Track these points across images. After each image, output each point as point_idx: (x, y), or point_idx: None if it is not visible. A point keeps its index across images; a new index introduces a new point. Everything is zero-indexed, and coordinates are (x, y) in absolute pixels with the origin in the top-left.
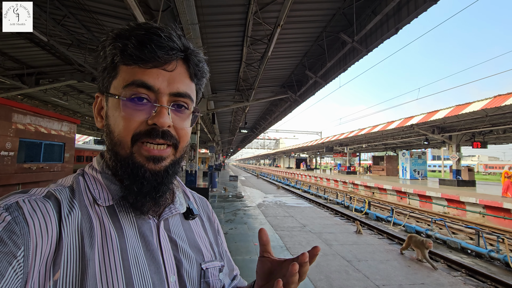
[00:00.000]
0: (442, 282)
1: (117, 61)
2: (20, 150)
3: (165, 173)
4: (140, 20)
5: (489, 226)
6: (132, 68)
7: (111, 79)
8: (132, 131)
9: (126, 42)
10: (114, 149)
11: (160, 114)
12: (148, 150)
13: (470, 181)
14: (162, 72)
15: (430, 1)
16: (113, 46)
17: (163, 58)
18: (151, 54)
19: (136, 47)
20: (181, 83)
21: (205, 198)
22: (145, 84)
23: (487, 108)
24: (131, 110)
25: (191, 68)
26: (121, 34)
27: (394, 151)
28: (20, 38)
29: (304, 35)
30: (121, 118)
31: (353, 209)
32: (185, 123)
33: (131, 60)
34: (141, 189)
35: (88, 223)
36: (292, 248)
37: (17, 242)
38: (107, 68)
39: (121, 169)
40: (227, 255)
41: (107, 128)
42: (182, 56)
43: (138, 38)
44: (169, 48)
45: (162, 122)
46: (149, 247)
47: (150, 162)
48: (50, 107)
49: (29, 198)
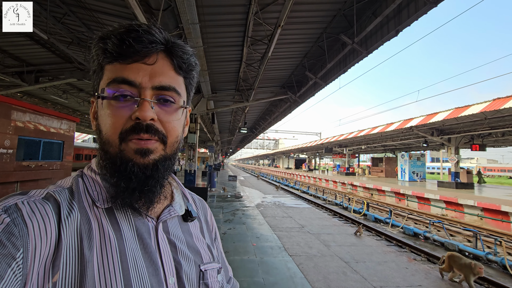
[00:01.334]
0: (440, 284)
1: (101, 61)
2: (19, 148)
3: (154, 166)
4: (141, 18)
5: (487, 228)
6: (114, 66)
7: (99, 80)
8: (119, 128)
9: (107, 41)
10: (104, 148)
11: (142, 107)
12: (135, 143)
13: (468, 184)
14: (143, 66)
15: (431, 4)
16: (97, 47)
17: (142, 51)
18: (129, 48)
19: (116, 44)
20: (164, 76)
21: (204, 200)
22: (126, 80)
23: (486, 111)
24: (115, 108)
25: (175, 60)
26: (104, 35)
27: (393, 153)
28: (20, 35)
29: (305, 36)
30: (107, 116)
31: (351, 210)
32: (172, 117)
33: (112, 57)
34: (128, 185)
35: (87, 225)
36: (290, 249)
37: (16, 244)
38: (95, 70)
39: (110, 167)
40: (222, 257)
41: (97, 128)
42: (163, 48)
43: (118, 36)
44: (148, 42)
45: (144, 116)
46: (147, 249)
47: (137, 156)
48: (49, 105)
49: (28, 200)
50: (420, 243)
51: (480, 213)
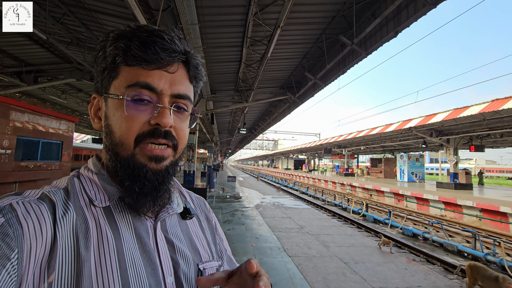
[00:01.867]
0: (439, 284)
1: (118, 61)
2: (18, 148)
3: (166, 172)
4: (140, 19)
5: (485, 229)
6: (135, 69)
7: (111, 80)
8: (136, 132)
9: (129, 43)
10: (114, 149)
11: (163, 114)
12: (151, 150)
13: (467, 184)
14: (165, 73)
15: (430, 5)
16: (114, 46)
17: (165, 60)
18: (154, 55)
19: (140, 48)
20: (182, 85)
21: (202, 197)
22: (149, 86)
23: (485, 112)
24: (134, 111)
25: (191, 71)
26: (123, 34)
27: (392, 154)
28: (19, 35)
29: (304, 37)
30: (123, 118)
31: (350, 211)
32: (184, 125)
33: (134, 60)
34: (142, 189)
35: (84, 224)
36: (290, 250)
37: (11, 245)
38: (107, 68)
39: (122, 170)
40: (227, 254)
41: (108, 129)
42: (184, 59)
43: (141, 40)
44: (171, 51)
45: (165, 122)
46: (145, 248)
47: (152, 162)
48: (48, 105)
49: (23, 200)
50: (419, 244)
51: (479, 214)
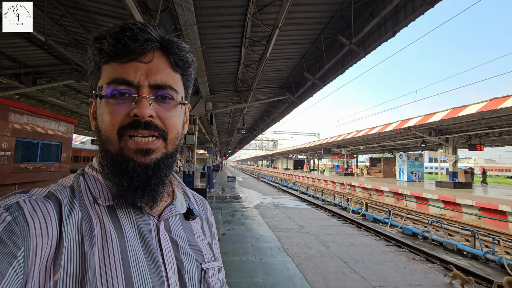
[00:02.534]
0: (438, 283)
1: (97, 61)
2: (17, 150)
3: (156, 165)
4: (139, 20)
5: (485, 228)
6: (111, 65)
7: (96, 81)
8: (117, 125)
9: (103, 41)
10: (104, 147)
11: (140, 104)
12: (135, 143)
13: (466, 183)
14: (140, 64)
15: (427, 5)
16: (93, 48)
17: (137, 50)
18: (124, 47)
19: (111, 44)
20: (160, 74)
21: (204, 199)
22: (125, 80)
23: (484, 111)
24: (113, 105)
25: (171, 58)
26: (99, 35)
27: (391, 153)
28: (18, 37)
29: (303, 37)
30: (105, 114)
31: (350, 211)
32: (170, 113)
33: (108, 57)
34: (131, 183)
35: (88, 223)
36: (290, 249)
37: (17, 243)
38: (93, 71)
39: (111, 166)
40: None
41: (97, 128)
42: (158, 45)
43: (113, 36)
44: (143, 40)
45: (142, 112)
46: (148, 247)
47: (139, 155)
48: (47, 107)
49: (29, 198)
50: (419, 243)
51: (478, 213)
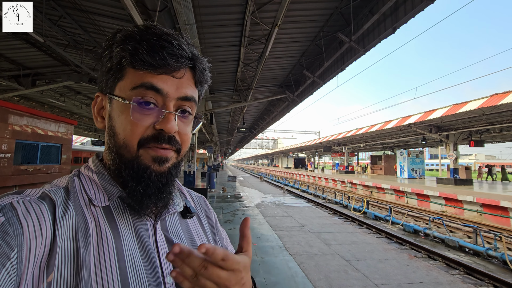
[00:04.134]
0: (441, 280)
1: (125, 63)
2: (17, 152)
3: (169, 174)
4: (137, 20)
5: (486, 224)
6: (142, 73)
7: (116, 81)
8: (139, 135)
9: (137, 46)
10: (118, 151)
11: (168, 120)
12: (155, 150)
13: (467, 180)
14: (171, 78)
15: (427, 1)
16: (121, 48)
17: (173, 65)
18: (162, 61)
19: (147, 53)
20: (187, 89)
21: (203, 196)
22: (155, 87)
23: (484, 107)
24: (139, 115)
25: (197, 76)
26: (131, 36)
27: (392, 150)
28: (16, 39)
29: (302, 35)
30: (128, 121)
31: (351, 209)
32: (188, 129)
33: (141, 64)
34: (146, 190)
35: (83, 224)
36: (291, 248)
37: (11, 244)
38: (112, 69)
39: (126, 171)
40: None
41: (111, 130)
42: (191, 64)
43: (149, 43)
44: (179, 56)
45: (170, 128)
46: (145, 247)
47: (155, 164)
48: (47, 108)
49: (23, 199)
50: (421, 240)
51: (479, 209)
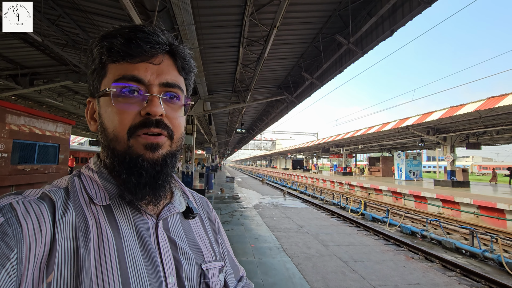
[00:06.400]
0: (437, 282)
1: (104, 60)
2: (14, 152)
3: (163, 161)
4: (136, 20)
5: (483, 226)
6: (121, 65)
7: (100, 79)
8: (128, 124)
9: (112, 40)
10: (110, 145)
11: (152, 103)
12: (145, 137)
13: (464, 182)
14: (150, 65)
15: (425, 4)
16: (100, 46)
17: (149, 52)
18: (137, 48)
19: (123, 44)
20: (170, 75)
21: (205, 197)
22: (135, 77)
23: (481, 110)
24: (124, 104)
25: (178, 62)
26: (107, 34)
27: (389, 152)
28: (14, 38)
29: (300, 37)
30: (114, 113)
31: (349, 210)
32: (177, 113)
33: (119, 56)
34: (139, 180)
35: (83, 223)
36: (289, 249)
37: (10, 244)
38: (96, 69)
39: (119, 164)
40: (229, 255)
41: (101, 126)
42: (168, 49)
43: (124, 36)
44: (154, 43)
45: (155, 111)
46: (146, 247)
47: (148, 151)
48: (44, 108)
49: (23, 200)
50: (418, 242)
51: (476, 211)
